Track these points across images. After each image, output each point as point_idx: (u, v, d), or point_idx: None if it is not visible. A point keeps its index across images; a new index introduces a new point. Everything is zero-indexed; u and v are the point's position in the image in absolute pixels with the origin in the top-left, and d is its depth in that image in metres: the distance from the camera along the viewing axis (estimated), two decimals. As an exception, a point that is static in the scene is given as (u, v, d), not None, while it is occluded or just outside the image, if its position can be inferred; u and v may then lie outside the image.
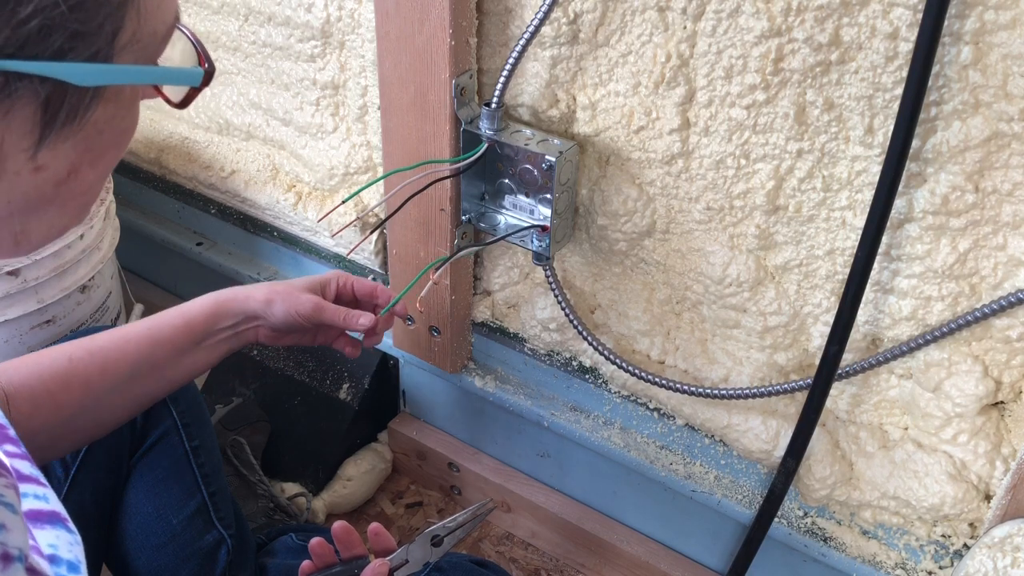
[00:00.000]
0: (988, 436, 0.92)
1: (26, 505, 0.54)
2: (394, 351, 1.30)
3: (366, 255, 1.25)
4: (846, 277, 0.86)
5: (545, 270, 1.08)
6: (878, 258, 0.86)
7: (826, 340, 0.90)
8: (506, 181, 1.03)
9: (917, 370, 0.92)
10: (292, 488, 1.33)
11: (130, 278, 1.49)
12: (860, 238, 0.83)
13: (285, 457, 1.37)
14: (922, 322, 0.89)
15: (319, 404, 1.37)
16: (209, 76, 0.50)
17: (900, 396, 0.96)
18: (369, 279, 1.01)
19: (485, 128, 0.99)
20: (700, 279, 1.00)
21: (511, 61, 0.95)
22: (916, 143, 0.80)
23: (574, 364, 1.18)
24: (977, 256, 0.84)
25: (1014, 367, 0.88)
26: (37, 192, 0.45)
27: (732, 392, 1.02)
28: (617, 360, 1.07)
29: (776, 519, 1.06)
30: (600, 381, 1.16)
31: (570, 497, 1.30)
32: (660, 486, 1.17)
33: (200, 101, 1.35)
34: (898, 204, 0.84)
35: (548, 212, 1.01)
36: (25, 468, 0.55)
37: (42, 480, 0.56)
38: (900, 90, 0.77)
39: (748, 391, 1.00)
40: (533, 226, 1.03)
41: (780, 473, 1.01)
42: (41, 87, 0.40)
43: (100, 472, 0.95)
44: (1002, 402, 0.92)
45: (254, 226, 1.40)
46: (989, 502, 0.94)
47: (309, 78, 1.18)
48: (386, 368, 1.38)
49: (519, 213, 1.05)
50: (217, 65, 1.27)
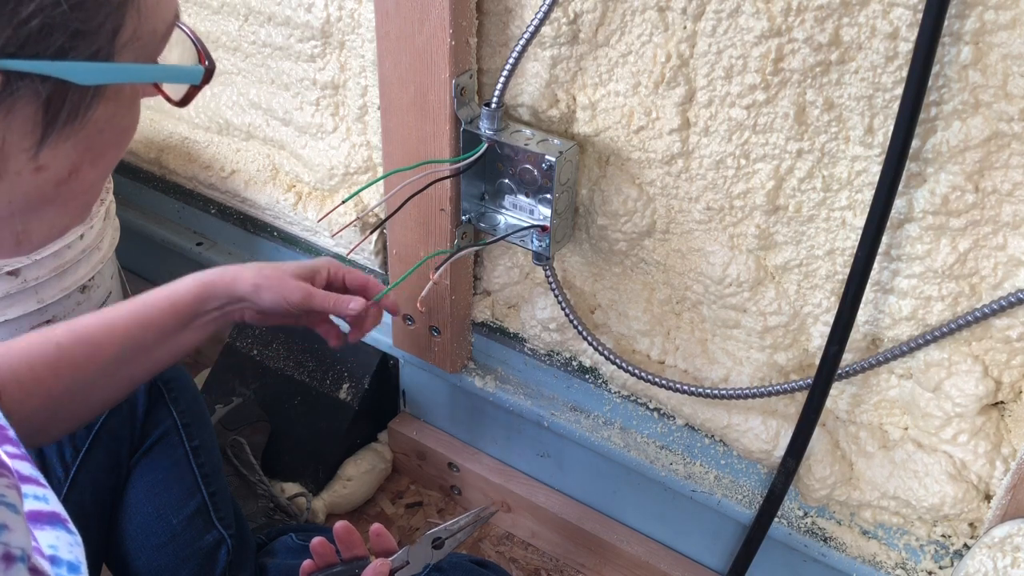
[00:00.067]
0: (988, 436, 0.92)
1: (26, 506, 0.54)
2: (394, 351, 1.30)
3: (366, 255, 1.25)
4: (846, 277, 0.86)
5: (545, 270, 1.08)
6: (878, 258, 0.86)
7: (826, 340, 0.90)
8: (506, 181, 1.03)
9: (917, 370, 0.92)
10: (292, 488, 1.33)
11: (130, 278, 1.49)
12: (860, 238, 0.83)
13: (285, 457, 1.37)
14: (922, 322, 0.89)
15: (319, 404, 1.37)
16: (209, 74, 0.49)
17: (900, 396, 0.96)
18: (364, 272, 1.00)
19: (485, 128, 0.99)
20: (700, 279, 1.00)
21: (511, 61, 0.94)
22: (916, 143, 0.80)
23: (574, 364, 1.18)
24: (977, 256, 0.84)
25: (1014, 367, 0.88)
26: (38, 192, 0.45)
27: (732, 392, 1.02)
28: (617, 360, 1.07)
29: (776, 519, 1.06)
30: (600, 381, 1.16)
31: (570, 497, 1.30)
32: (660, 486, 1.17)
33: (200, 101, 1.35)
34: (898, 204, 0.84)
35: (548, 212, 1.01)
36: (25, 469, 0.55)
37: (42, 481, 0.56)
38: (900, 90, 0.77)
39: (748, 391, 1.00)
40: (533, 226, 1.03)
41: (780, 473, 1.01)
42: (42, 86, 0.40)
43: (100, 472, 0.95)
44: (1002, 402, 0.92)
45: (254, 226, 1.40)
46: (989, 502, 0.94)
47: (309, 78, 1.17)
48: (386, 368, 1.38)
49: (519, 213, 1.05)
50: (217, 65, 1.26)
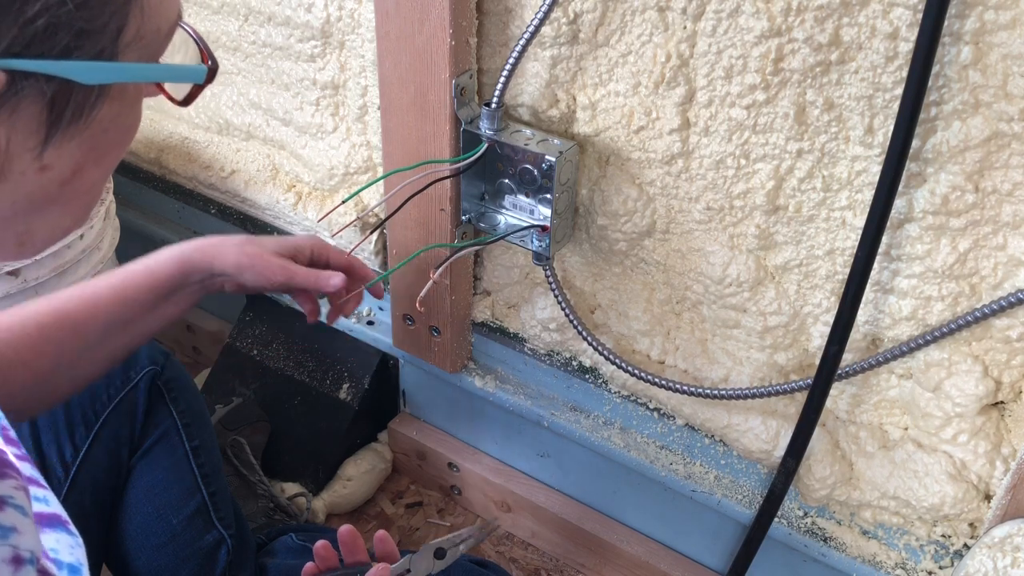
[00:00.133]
0: (988, 436, 0.92)
1: None
2: (394, 351, 1.30)
3: (366, 255, 1.25)
4: (846, 277, 0.86)
5: (545, 270, 1.08)
6: (878, 258, 0.86)
7: (826, 340, 0.90)
8: (506, 181, 1.03)
9: (917, 370, 0.92)
10: (292, 488, 1.33)
11: (130, 278, 1.49)
12: (860, 238, 0.83)
13: (285, 457, 1.37)
14: (922, 322, 0.89)
15: (319, 404, 1.37)
16: (213, 73, 0.50)
17: (900, 396, 0.96)
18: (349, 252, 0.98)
19: (485, 128, 0.99)
20: (700, 279, 1.00)
21: (511, 61, 0.94)
22: (916, 143, 0.80)
23: (574, 364, 1.18)
24: (977, 256, 0.84)
25: (1014, 367, 0.88)
26: (42, 192, 0.45)
27: (732, 392, 1.01)
28: (617, 360, 1.07)
29: (776, 519, 1.06)
30: (600, 381, 1.16)
31: (570, 497, 1.30)
32: (660, 486, 1.17)
33: (200, 101, 1.35)
34: (898, 204, 0.84)
35: (548, 212, 1.01)
36: (26, 470, 0.55)
37: (42, 482, 0.56)
38: (900, 90, 0.77)
39: (748, 391, 1.00)
40: (533, 226, 1.03)
41: (780, 473, 1.01)
42: (47, 86, 0.40)
43: (100, 472, 0.95)
44: (1002, 402, 0.92)
45: (254, 226, 1.40)
46: (989, 502, 0.94)
47: (309, 78, 1.17)
48: (386, 368, 1.38)
49: (519, 213, 1.05)
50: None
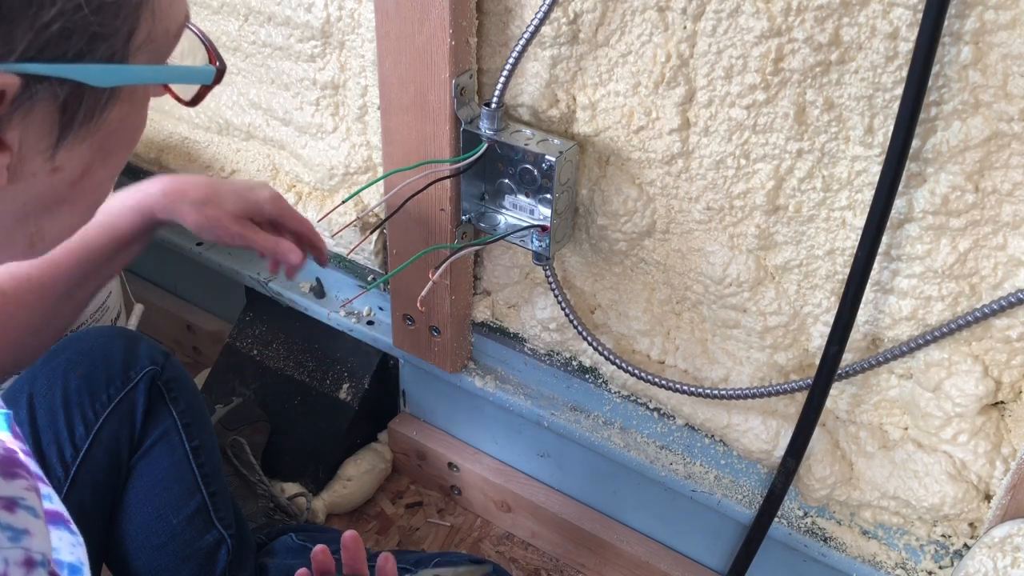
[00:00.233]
0: (988, 436, 0.92)
1: None
2: (394, 351, 1.30)
3: (366, 255, 1.25)
4: (846, 277, 0.86)
5: (545, 270, 1.08)
6: (878, 258, 0.86)
7: (826, 340, 0.90)
8: (506, 181, 1.03)
9: (917, 370, 0.92)
10: (292, 488, 1.33)
11: (130, 278, 1.49)
12: (860, 238, 0.83)
13: (285, 457, 1.37)
14: (922, 322, 0.89)
15: (319, 404, 1.37)
16: (221, 74, 0.50)
17: (900, 396, 0.96)
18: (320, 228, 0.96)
19: (485, 128, 0.99)
20: (700, 279, 1.00)
21: (511, 61, 0.94)
22: (916, 143, 0.80)
23: (574, 364, 1.18)
24: (977, 256, 0.84)
25: (1014, 367, 0.88)
26: (52, 193, 0.45)
27: (732, 392, 1.02)
28: (617, 360, 1.07)
29: (776, 519, 1.06)
30: (600, 381, 1.16)
31: (570, 497, 1.30)
32: (660, 486, 1.17)
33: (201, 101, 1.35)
34: (898, 204, 0.84)
35: (548, 212, 1.01)
36: (32, 467, 0.55)
37: (44, 479, 0.56)
38: (900, 90, 0.77)
39: (748, 391, 1.00)
40: (533, 226, 1.03)
41: (780, 473, 1.01)
42: (60, 89, 0.41)
43: (100, 472, 0.95)
44: (1002, 402, 0.92)
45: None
46: (989, 502, 0.94)
47: (309, 78, 1.17)
48: (386, 368, 1.38)
49: (519, 213, 1.05)
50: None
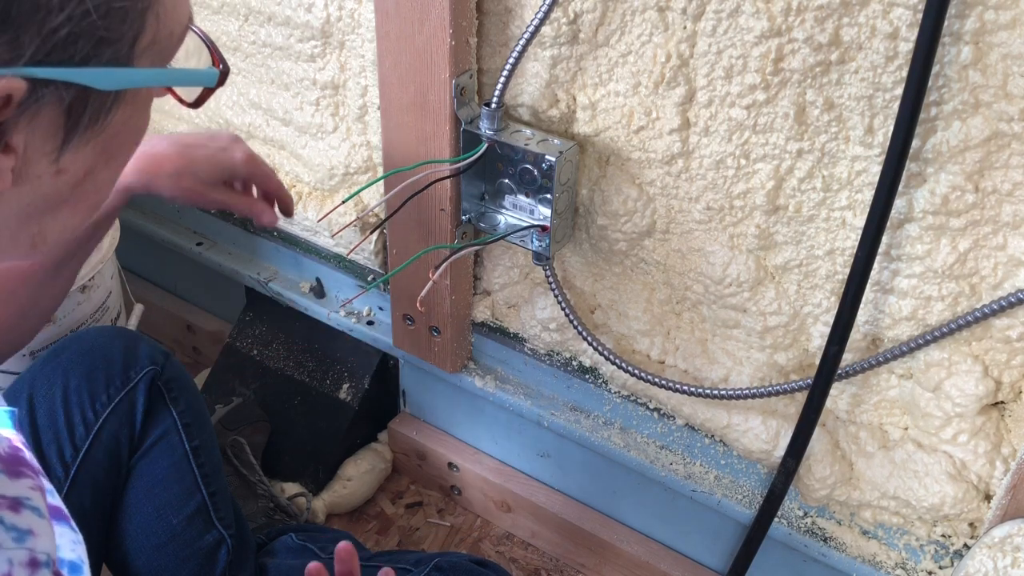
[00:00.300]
0: (988, 436, 0.92)
1: None
2: (394, 351, 1.30)
3: (366, 255, 1.25)
4: (846, 277, 0.86)
5: (545, 270, 1.08)
6: (878, 258, 0.86)
7: (826, 340, 0.90)
8: (506, 181, 1.03)
9: (917, 370, 0.92)
10: (292, 488, 1.33)
11: (130, 278, 1.49)
12: (860, 238, 0.83)
13: (285, 457, 1.37)
14: (922, 322, 0.89)
15: (319, 404, 1.37)
16: (224, 76, 0.50)
17: (900, 396, 0.96)
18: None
19: (485, 128, 0.99)
20: (700, 279, 1.00)
21: (511, 61, 0.94)
22: (916, 143, 0.80)
23: (574, 364, 1.18)
24: (977, 256, 0.84)
25: (1014, 367, 0.88)
26: (56, 194, 0.46)
27: (732, 392, 1.02)
28: (617, 360, 1.07)
29: (776, 519, 1.06)
30: (600, 381, 1.16)
31: (570, 497, 1.30)
32: (660, 486, 1.17)
33: (200, 101, 1.35)
34: (898, 204, 0.84)
35: (548, 212, 1.01)
36: (35, 464, 0.55)
37: (43, 474, 0.56)
38: (900, 90, 0.77)
39: (748, 391, 1.00)
40: (533, 226, 1.03)
41: (780, 473, 1.01)
42: (66, 92, 0.41)
43: (100, 472, 0.95)
44: (1002, 402, 0.92)
45: (254, 226, 1.40)
46: (989, 502, 0.94)
47: (309, 78, 1.17)
48: (386, 368, 1.38)
49: (519, 213, 1.05)
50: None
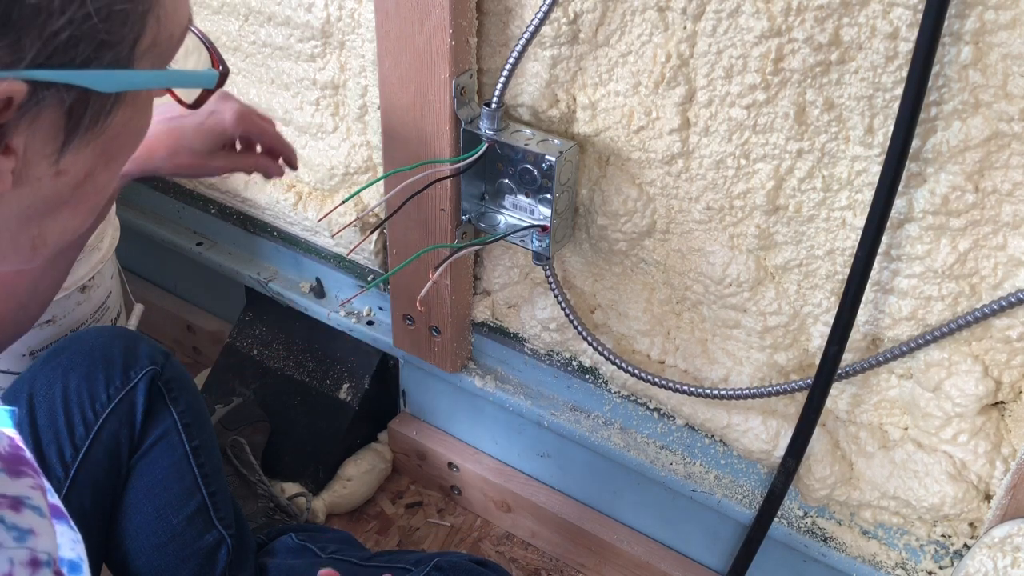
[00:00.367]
0: (988, 436, 0.92)
1: None
2: (394, 351, 1.30)
3: (366, 255, 1.25)
4: (846, 277, 0.86)
5: (545, 270, 1.08)
6: (878, 258, 0.86)
7: (826, 340, 0.90)
8: (506, 181, 1.03)
9: (917, 370, 0.92)
10: (292, 488, 1.33)
11: (130, 278, 1.49)
12: (860, 238, 0.83)
13: (285, 457, 1.37)
14: (922, 322, 0.89)
15: (319, 404, 1.37)
16: (223, 77, 0.50)
17: (900, 396, 0.96)
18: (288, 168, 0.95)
19: (485, 128, 0.99)
20: (700, 279, 1.00)
21: (511, 61, 0.94)
22: (916, 143, 0.80)
23: (574, 364, 1.18)
24: (977, 256, 0.84)
25: (1014, 367, 0.88)
26: (56, 196, 0.46)
27: (732, 392, 1.01)
28: (617, 360, 1.07)
29: (776, 519, 1.06)
30: (600, 381, 1.16)
31: (570, 497, 1.30)
32: (660, 486, 1.17)
33: (200, 101, 1.35)
34: (898, 204, 0.84)
35: (548, 212, 1.01)
36: (35, 462, 0.55)
37: (41, 474, 0.56)
38: (900, 90, 0.77)
39: (748, 391, 1.00)
40: (533, 226, 1.03)
41: (780, 473, 1.01)
42: (66, 95, 0.41)
43: (100, 472, 0.95)
44: (1002, 402, 0.92)
45: (254, 226, 1.40)
46: (989, 502, 0.94)
47: (309, 78, 1.17)
48: (386, 368, 1.38)
49: (519, 213, 1.05)
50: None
